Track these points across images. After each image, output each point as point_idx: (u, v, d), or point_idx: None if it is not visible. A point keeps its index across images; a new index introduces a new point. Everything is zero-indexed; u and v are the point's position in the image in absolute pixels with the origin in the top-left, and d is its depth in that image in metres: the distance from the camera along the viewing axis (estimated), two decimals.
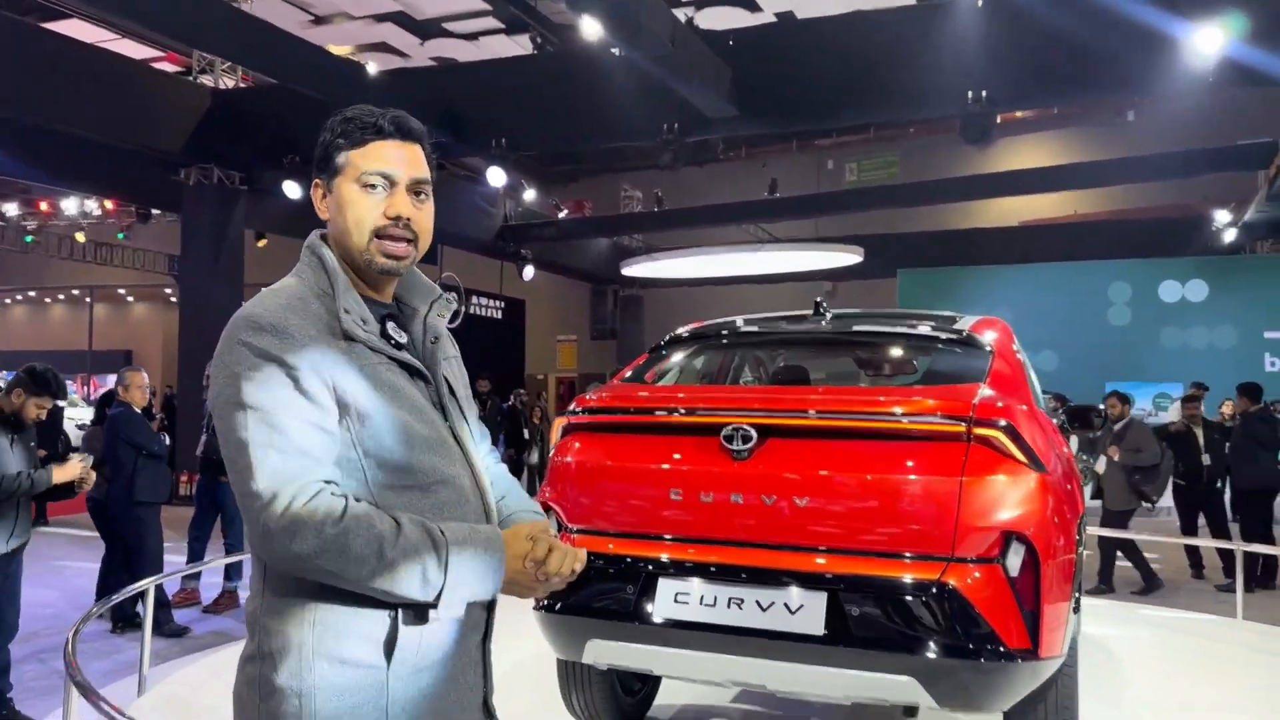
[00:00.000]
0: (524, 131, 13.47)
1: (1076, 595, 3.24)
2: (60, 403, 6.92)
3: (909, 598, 2.86)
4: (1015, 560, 2.87)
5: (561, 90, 12.70)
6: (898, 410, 2.99)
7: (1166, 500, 12.28)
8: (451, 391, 1.74)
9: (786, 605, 2.95)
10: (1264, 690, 5.13)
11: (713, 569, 3.08)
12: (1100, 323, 20.20)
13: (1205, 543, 8.44)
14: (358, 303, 1.64)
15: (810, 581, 2.96)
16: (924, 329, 3.80)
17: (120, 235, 26.45)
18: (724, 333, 4.17)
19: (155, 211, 21.44)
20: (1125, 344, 20.04)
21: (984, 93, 10.74)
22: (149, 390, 6.98)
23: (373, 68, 13.15)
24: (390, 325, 1.70)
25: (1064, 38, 9.93)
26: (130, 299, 32.36)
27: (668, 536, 3.20)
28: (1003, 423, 2.94)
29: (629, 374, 3.84)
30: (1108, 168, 19.34)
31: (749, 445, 3.06)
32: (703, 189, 24.71)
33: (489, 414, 14.65)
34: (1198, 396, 9.65)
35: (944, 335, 3.69)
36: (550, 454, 3.53)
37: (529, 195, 20.58)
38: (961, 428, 2.91)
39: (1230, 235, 19.02)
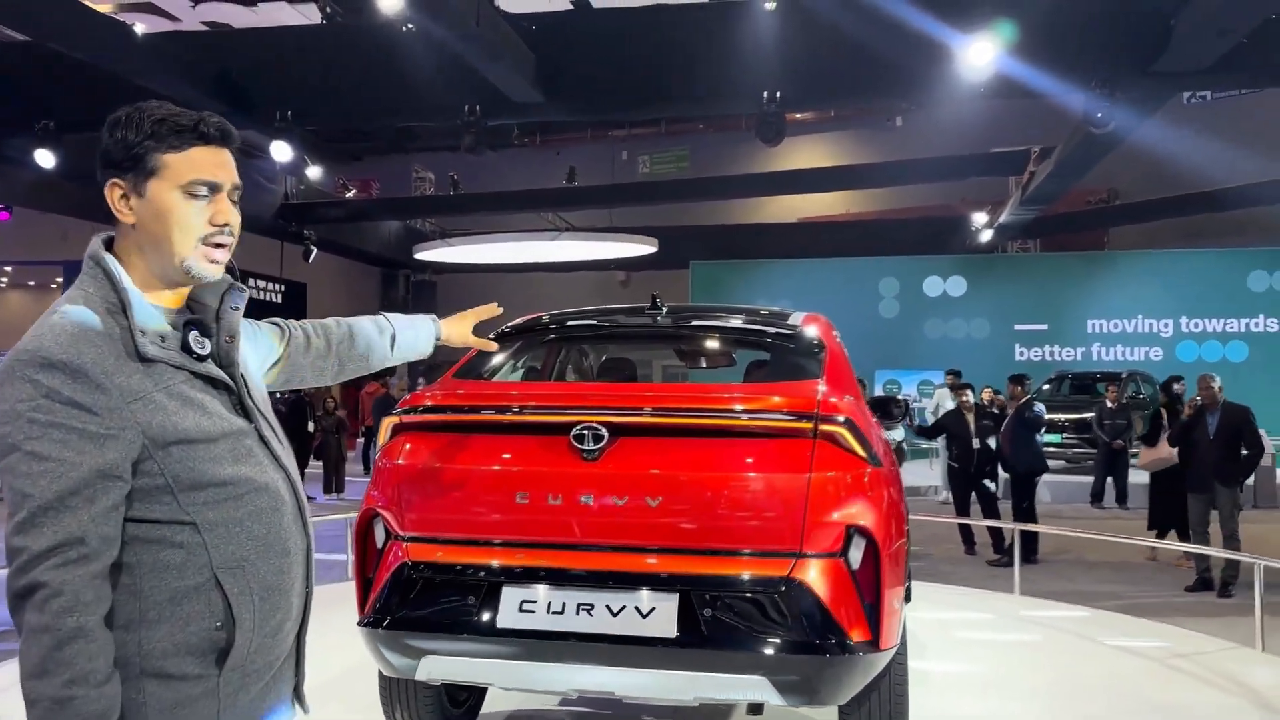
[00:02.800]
0: (312, 105, 12.73)
1: (908, 584, 3.34)
2: None
3: (759, 595, 2.85)
4: (857, 554, 2.92)
5: (355, 63, 12.08)
6: (748, 408, 2.98)
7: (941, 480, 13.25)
8: (250, 391, 1.72)
9: (638, 609, 2.87)
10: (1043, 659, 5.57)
11: (562, 574, 2.95)
12: (872, 314, 21.55)
13: (990, 523, 9.10)
14: (154, 317, 1.59)
15: (662, 583, 2.89)
16: (760, 325, 3.83)
17: None
18: (563, 325, 4.04)
19: None
20: (893, 335, 21.48)
21: (778, 93, 11.12)
22: None
23: (140, 29, 12.01)
24: (193, 335, 1.63)
25: (851, 43, 10.42)
26: None
27: (512, 542, 3.05)
28: (845, 419, 2.99)
29: (462, 369, 3.64)
30: (883, 170, 20.62)
31: (600, 445, 2.95)
32: (497, 174, 24.35)
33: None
34: (968, 385, 10.38)
35: (778, 331, 3.72)
36: (375, 456, 3.28)
37: (313, 172, 19.55)
38: (808, 425, 2.93)
39: (987, 235, 20.68)
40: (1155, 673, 5.24)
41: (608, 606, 2.89)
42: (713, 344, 4.17)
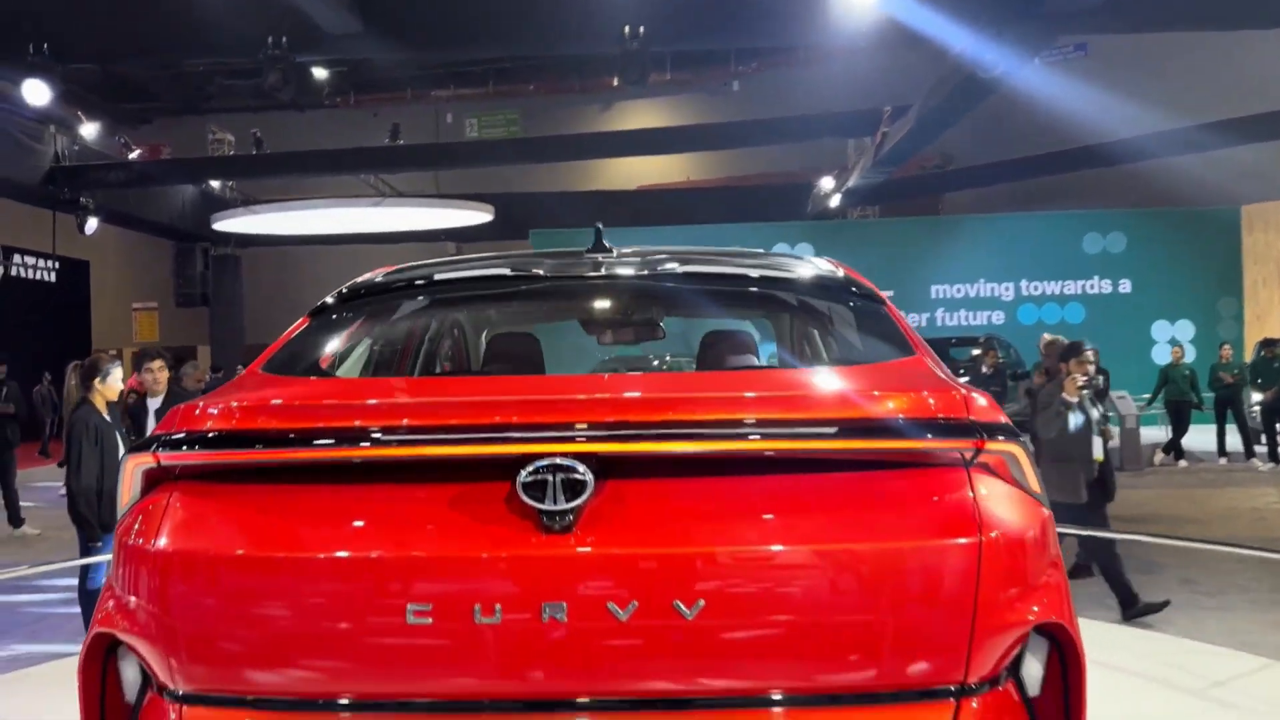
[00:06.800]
0: (76, 38, 10.40)
1: None
2: None
3: None
4: (1035, 670, 1.62)
5: None
6: (863, 417, 1.58)
7: None
8: None
9: None
10: None
11: None
12: None
13: None
14: None
15: None
16: (784, 271, 2.42)
17: None
18: (449, 282, 2.48)
19: None
20: None
21: (640, 28, 9.77)
22: None
23: None
24: None
25: None
26: None
27: (402, 702, 1.55)
28: (1016, 432, 1.65)
29: (278, 356, 2.08)
30: (733, 129, 19.70)
31: (580, 500, 1.49)
32: (306, 137, 21.91)
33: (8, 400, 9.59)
34: None
35: (815, 279, 2.35)
36: (120, 526, 1.70)
37: (88, 130, 16.73)
38: (967, 444, 1.58)
39: (834, 201, 20.13)
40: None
41: None
42: (709, 301, 2.66)
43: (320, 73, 21.85)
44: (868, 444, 1.59)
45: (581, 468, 1.51)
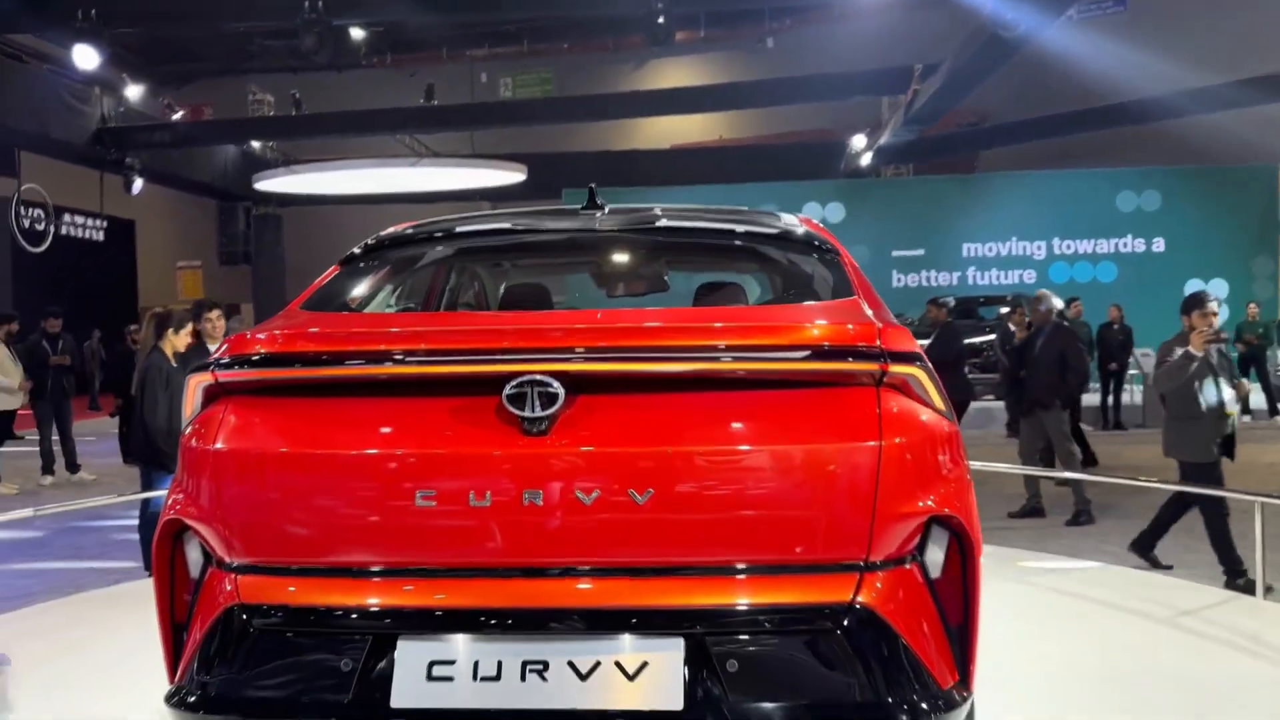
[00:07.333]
0: (120, 1, 10.80)
1: None
2: None
3: (810, 634, 1.83)
4: (937, 556, 1.95)
5: None
6: (781, 344, 1.91)
7: None
8: None
9: (620, 666, 1.81)
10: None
11: (494, 617, 1.85)
12: None
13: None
14: None
15: (658, 624, 1.84)
16: (753, 226, 2.74)
17: None
18: (453, 234, 2.85)
19: None
20: None
21: None
22: None
23: None
24: None
25: None
26: None
27: (411, 568, 1.92)
28: (919, 356, 1.97)
29: (314, 297, 2.44)
30: (765, 88, 19.69)
31: (553, 409, 1.84)
32: (345, 97, 22.24)
33: (65, 354, 10.12)
34: None
35: (781, 234, 2.66)
36: (185, 434, 2.08)
37: (133, 92, 17.19)
38: (873, 366, 1.90)
39: (866, 160, 20.13)
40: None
41: (571, 665, 1.82)
42: (691, 253, 2.97)
43: (357, 33, 22.11)
44: (789, 365, 1.89)
45: (554, 383, 1.84)
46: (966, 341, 14.60)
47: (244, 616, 1.92)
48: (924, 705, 1.84)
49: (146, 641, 2.21)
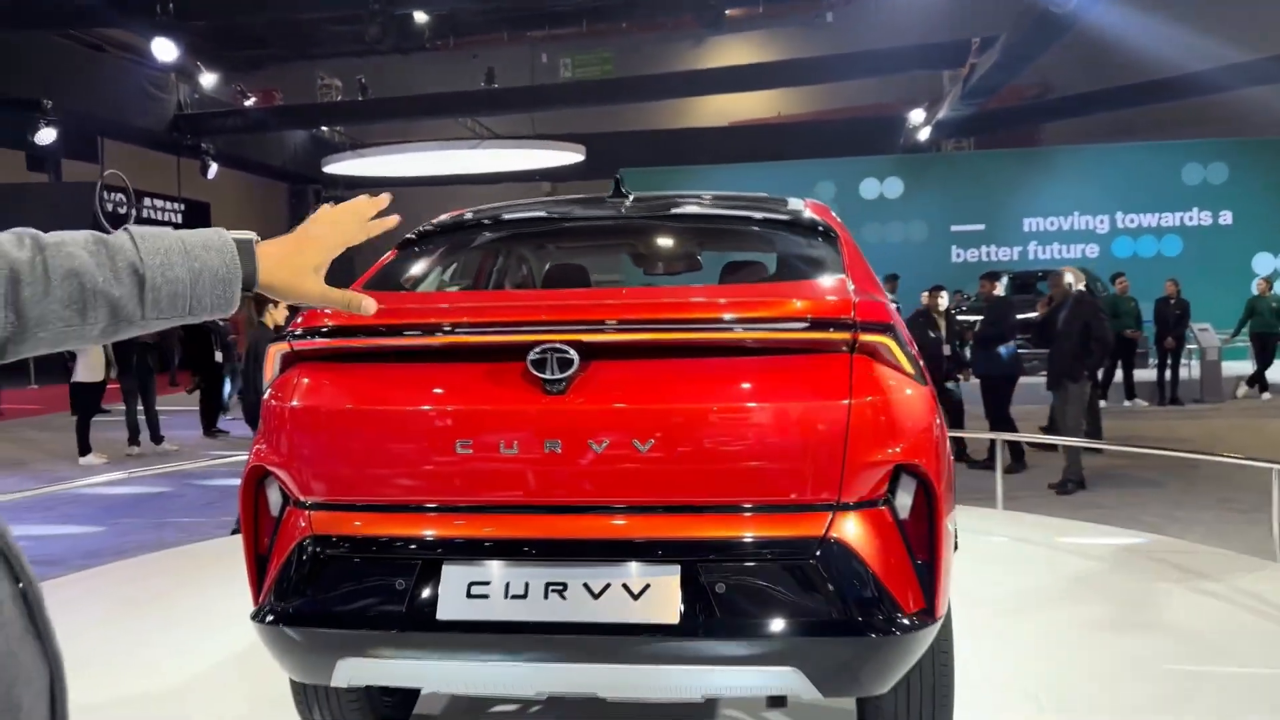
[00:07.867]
0: None
1: (954, 529, 2.68)
2: None
3: (787, 562, 2.16)
4: (906, 500, 2.25)
5: None
6: (763, 316, 2.22)
7: None
8: None
9: (627, 588, 2.15)
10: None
11: (523, 545, 2.21)
12: None
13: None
14: None
15: (658, 553, 2.18)
16: (760, 212, 3.05)
17: None
18: (499, 221, 3.21)
19: None
20: None
21: None
22: None
23: None
24: None
25: None
26: None
27: (454, 505, 2.28)
28: (889, 327, 2.27)
29: (374, 278, 2.81)
30: (820, 65, 19.73)
31: (568, 372, 2.18)
32: (409, 80, 22.79)
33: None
34: (941, 286, 9.55)
35: (784, 218, 2.97)
36: (266, 395, 2.46)
37: (207, 80, 17.92)
38: (845, 335, 2.21)
39: (925, 134, 20.06)
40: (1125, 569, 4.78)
41: (586, 586, 2.17)
42: (704, 238, 3.31)
43: (421, 17, 22.64)
44: (771, 335, 2.21)
45: (570, 350, 2.18)
46: (1020, 317, 14.65)
47: (316, 546, 2.30)
48: (887, 623, 2.15)
49: (223, 593, 2.59)
